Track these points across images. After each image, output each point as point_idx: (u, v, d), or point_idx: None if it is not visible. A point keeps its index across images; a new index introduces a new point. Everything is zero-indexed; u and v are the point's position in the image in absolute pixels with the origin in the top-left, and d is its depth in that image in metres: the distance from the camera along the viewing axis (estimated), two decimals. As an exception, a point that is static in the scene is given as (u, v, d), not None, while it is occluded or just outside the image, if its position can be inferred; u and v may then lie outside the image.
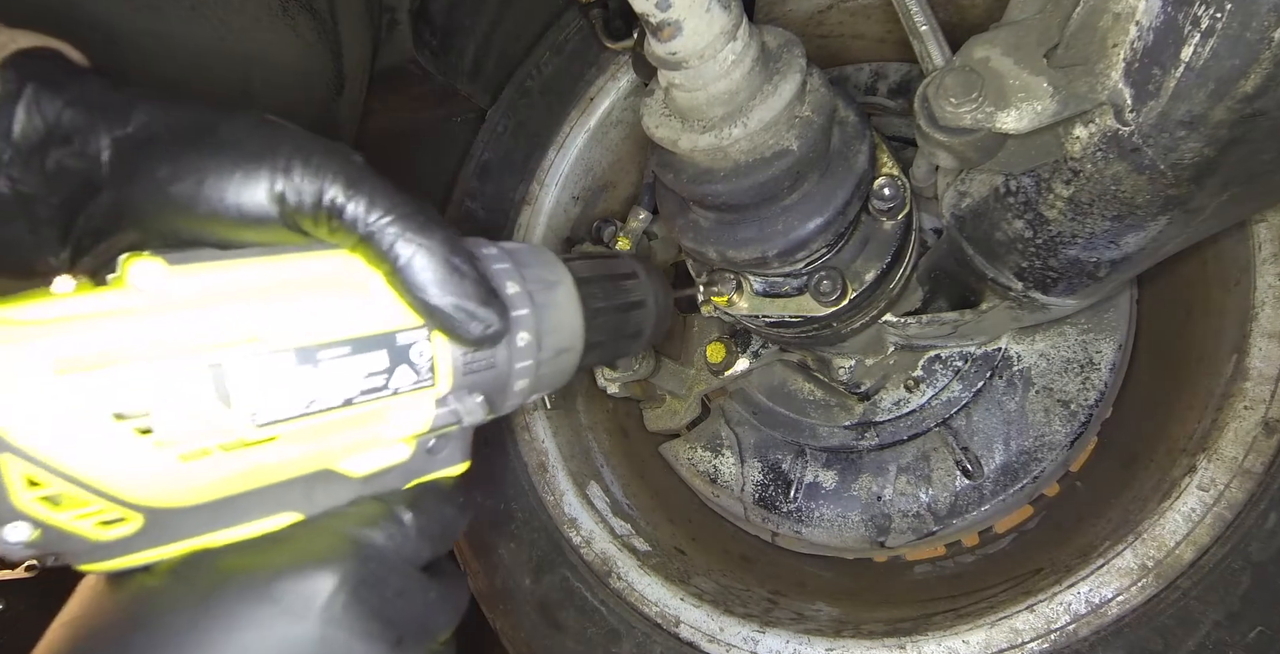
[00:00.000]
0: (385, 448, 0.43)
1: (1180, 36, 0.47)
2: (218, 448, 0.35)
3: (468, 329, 0.42)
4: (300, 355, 0.37)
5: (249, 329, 0.37)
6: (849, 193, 0.75)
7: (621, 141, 1.26)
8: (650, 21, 0.58)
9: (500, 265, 0.49)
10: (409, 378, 0.41)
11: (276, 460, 0.37)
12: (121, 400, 0.33)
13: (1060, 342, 1.07)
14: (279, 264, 0.40)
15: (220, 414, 0.35)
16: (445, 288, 0.41)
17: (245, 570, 0.37)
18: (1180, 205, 0.59)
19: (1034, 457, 1.06)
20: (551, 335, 0.51)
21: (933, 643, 0.84)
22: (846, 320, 0.90)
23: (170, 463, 0.34)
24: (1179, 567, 0.77)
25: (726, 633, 0.94)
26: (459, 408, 0.44)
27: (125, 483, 0.33)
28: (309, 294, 0.39)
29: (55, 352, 0.32)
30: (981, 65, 0.59)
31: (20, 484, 0.32)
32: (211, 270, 0.37)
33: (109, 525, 0.35)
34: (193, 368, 0.35)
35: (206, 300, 0.36)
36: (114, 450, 0.33)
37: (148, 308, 0.35)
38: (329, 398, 0.38)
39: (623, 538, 1.07)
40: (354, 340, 0.39)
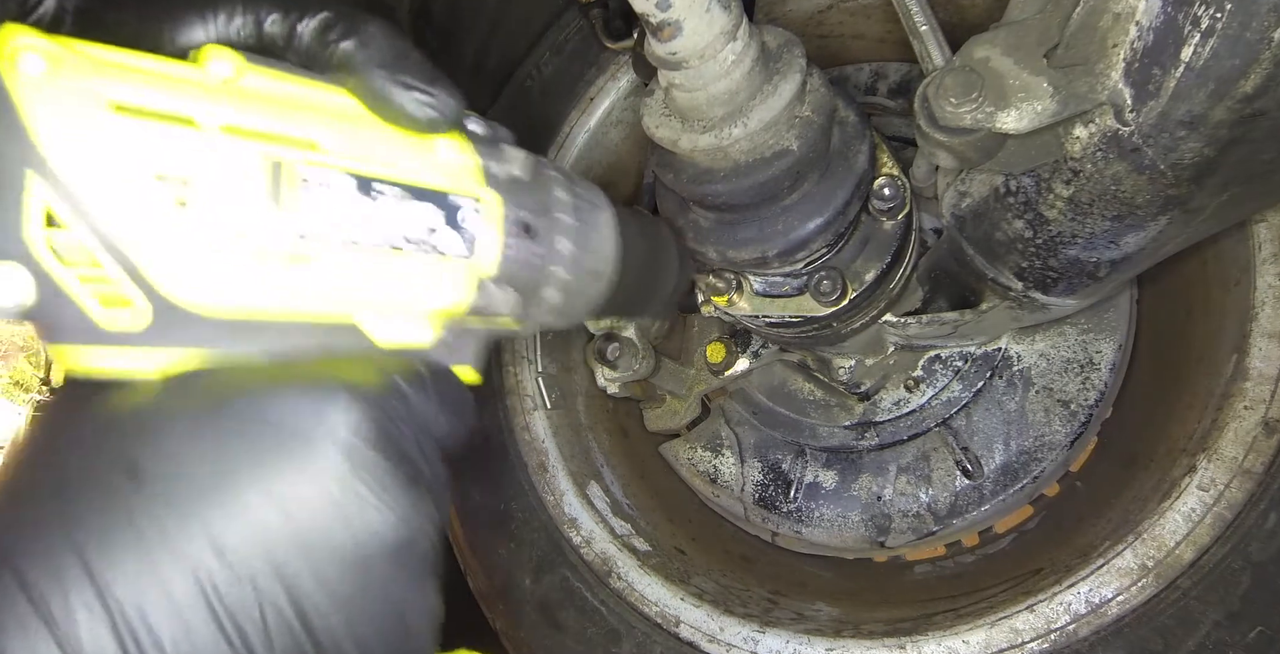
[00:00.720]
0: (412, 322, 0.41)
1: (1180, 36, 0.47)
2: (254, 252, 0.33)
3: (414, 108, 0.40)
4: (357, 181, 0.36)
5: (313, 137, 0.35)
6: (849, 193, 0.75)
7: (621, 141, 1.26)
8: (650, 21, 0.58)
9: (552, 172, 0.49)
10: (456, 245, 0.40)
11: (306, 287, 0.35)
12: (169, 161, 0.31)
13: (1060, 341, 1.07)
14: (344, 96, 0.39)
15: (267, 213, 0.33)
16: (392, 66, 0.39)
17: (261, 383, 0.33)
18: (1180, 205, 0.59)
19: (1034, 457, 1.06)
20: (590, 255, 0.49)
21: (933, 643, 0.84)
22: (846, 320, 0.90)
23: (200, 249, 0.31)
24: (1179, 567, 0.77)
25: (726, 633, 0.94)
26: (496, 295, 0.43)
27: (148, 254, 0.30)
28: (373, 129, 0.39)
29: (116, 90, 0.30)
30: (981, 65, 0.59)
31: (37, 215, 0.29)
32: (284, 79, 0.36)
33: (113, 304, 0.31)
34: (252, 154, 0.33)
35: (276, 100, 0.35)
36: (147, 213, 0.30)
37: (218, 88, 0.33)
38: (376, 234, 0.36)
39: (623, 538, 1.07)
40: (411, 186, 0.38)
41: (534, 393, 1.15)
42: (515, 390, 1.16)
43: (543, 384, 1.16)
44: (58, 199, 0.28)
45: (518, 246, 0.43)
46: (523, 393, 1.15)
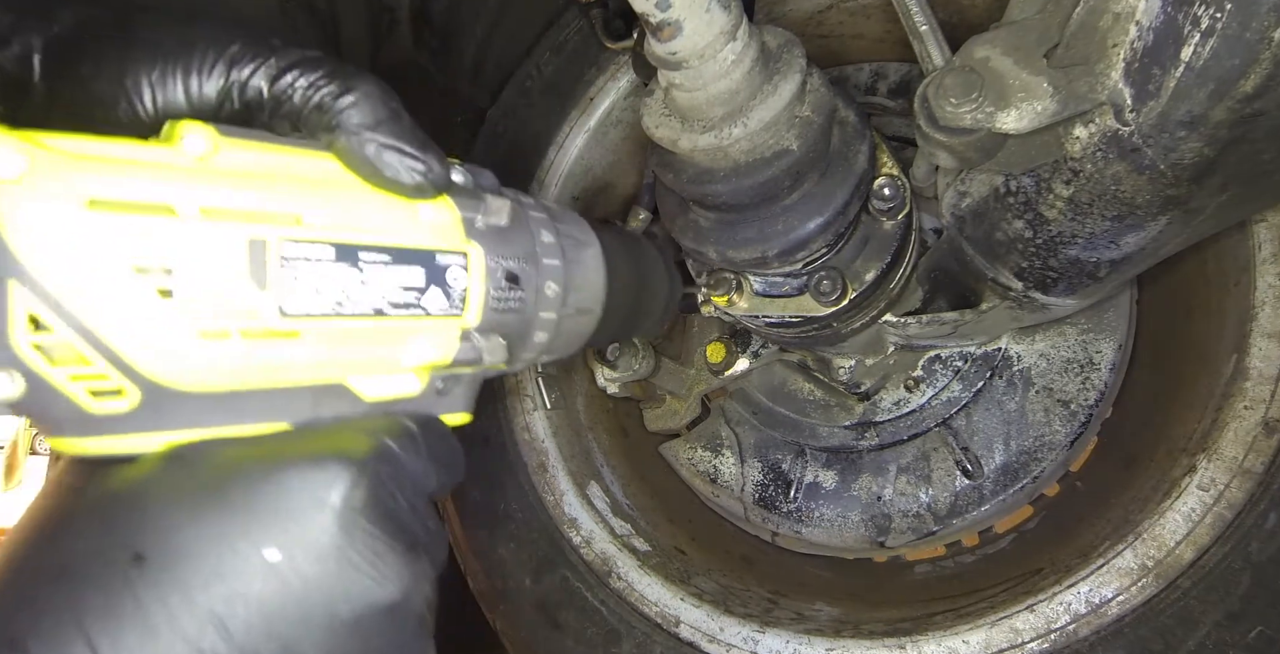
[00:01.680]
0: (399, 375, 0.41)
1: (1180, 36, 0.47)
2: (239, 332, 0.33)
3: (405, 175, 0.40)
4: (340, 251, 0.36)
5: (294, 211, 0.35)
6: (849, 193, 0.75)
7: (621, 141, 1.26)
8: (650, 21, 0.58)
9: (537, 214, 0.49)
10: (440, 302, 0.40)
11: (294, 360, 0.35)
12: (149, 254, 0.30)
13: (1060, 342, 1.07)
14: (325, 160, 0.39)
15: (250, 294, 0.33)
16: (382, 130, 0.39)
17: (253, 459, 0.34)
18: (1180, 205, 0.59)
19: (1034, 457, 1.06)
20: (576, 293, 0.50)
21: (933, 643, 0.84)
22: (846, 320, 0.90)
23: (186, 336, 0.32)
24: (1179, 567, 0.77)
25: (726, 633, 0.94)
26: (482, 345, 0.43)
27: (134, 346, 0.31)
28: (356, 193, 0.39)
29: (90, 186, 0.29)
30: (981, 65, 0.59)
31: (21, 321, 0.29)
32: (261, 149, 0.36)
33: (103, 396, 0.31)
34: (232, 237, 0.32)
35: (254, 174, 0.35)
36: (130, 307, 0.30)
37: (194, 169, 0.33)
38: (361, 303, 0.37)
39: (623, 538, 1.07)
40: (394, 249, 0.38)
41: (534, 393, 1.15)
42: (515, 390, 1.16)
43: (543, 384, 1.16)
44: (39, 304, 0.29)
45: (503, 297, 0.44)
46: (523, 393, 1.15)
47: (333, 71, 0.39)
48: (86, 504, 0.32)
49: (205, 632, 0.30)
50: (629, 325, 0.62)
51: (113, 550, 0.30)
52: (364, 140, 0.38)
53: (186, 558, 0.30)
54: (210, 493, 0.32)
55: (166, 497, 0.32)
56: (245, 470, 0.33)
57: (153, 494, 0.32)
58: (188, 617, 0.30)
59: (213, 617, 0.30)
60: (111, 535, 0.31)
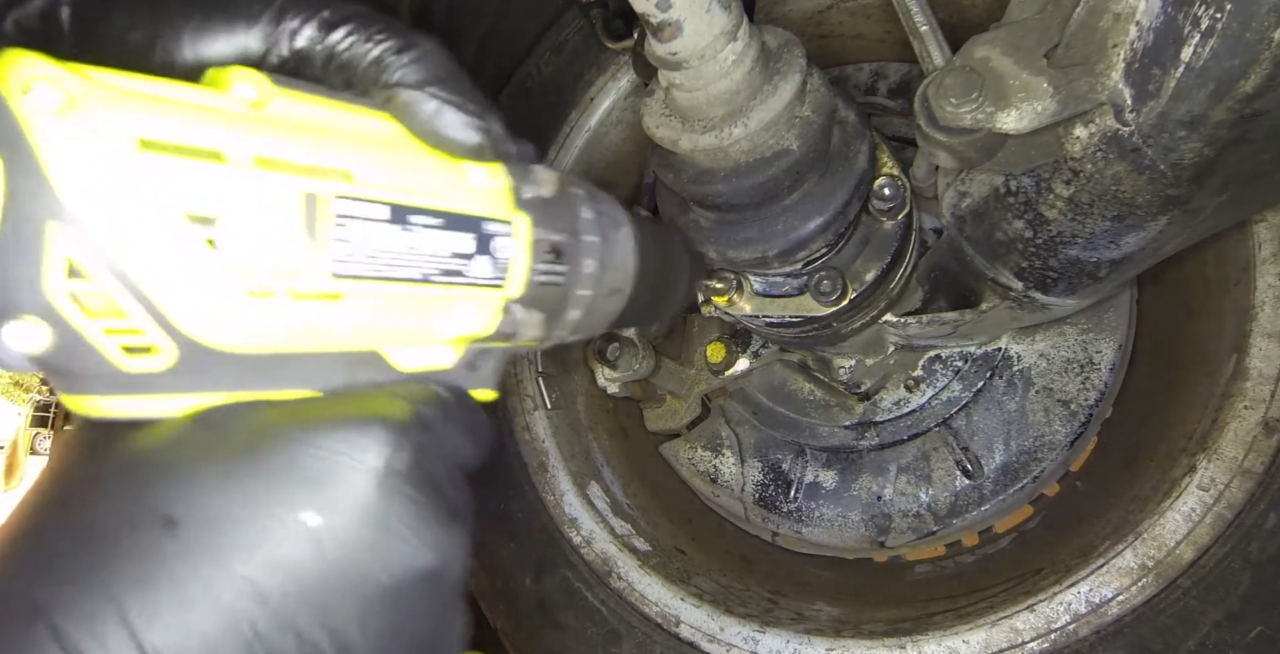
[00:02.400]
0: (436, 346, 0.40)
1: (1180, 37, 0.47)
2: (287, 292, 0.31)
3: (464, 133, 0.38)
4: (394, 212, 0.34)
5: (347, 167, 0.33)
6: (849, 193, 0.75)
7: (621, 141, 1.26)
8: (650, 22, 0.58)
9: (577, 190, 0.47)
10: (486, 271, 0.39)
11: (336, 324, 0.34)
12: (199, 200, 0.28)
13: (1060, 341, 1.07)
14: (379, 118, 0.37)
15: (302, 251, 0.31)
16: (445, 86, 0.37)
17: (289, 421, 0.32)
18: (1180, 205, 0.59)
19: (1034, 456, 1.06)
20: (611, 272, 0.49)
21: (933, 643, 0.84)
22: (846, 320, 0.90)
23: (233, 293, 0.30)
24: (1179, 566, 0.77)
25: (727, 633, 0.94)
26: (522, 318, 0.42)
27: (178, 301, 0.28)
28: (410, 153, 0.37)
29: (142, 125, 0.27)
30: (981, 65, 0.59)
31: (58, 267, 0.26)
32: (314, 102, 0.34)
33: (137, 352, 0.29)
34: (286, 188, 0.30)
35: (307, 126, 0.33)
36: (178, 258, 0.28)
37: (247, 115, 0.31)
38: (411, 267, 0.35)
39: (623, 538, 1.07)
40: (446, 214, 0.36)
41: (534, 393, 1.15)
42: (515, 390, 1.16)
43: (543, 384, 1.16)
44: (81, 249, 0.26)
45: (546, 270, 0.43)
46: (523, 393, 1.15)
47: (391, 26, 0.37)
48: (112, 466, 0.30)
49: (242, 599, 0.29)
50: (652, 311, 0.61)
51: (142, 515, 0.29)
52: (425, 96, 0.37)
53: (220, 523, 0.29)
54: (244, 455, 0.31)
55: (198, 459, 0.30)
56: (281, 432, 0.32)
57: (183, 457, 0.30)
58: (223, 584, 0.28)
59: (249, 584, 0.29)
60: (140, 499, 0.29)
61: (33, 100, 0.26)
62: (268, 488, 0.30)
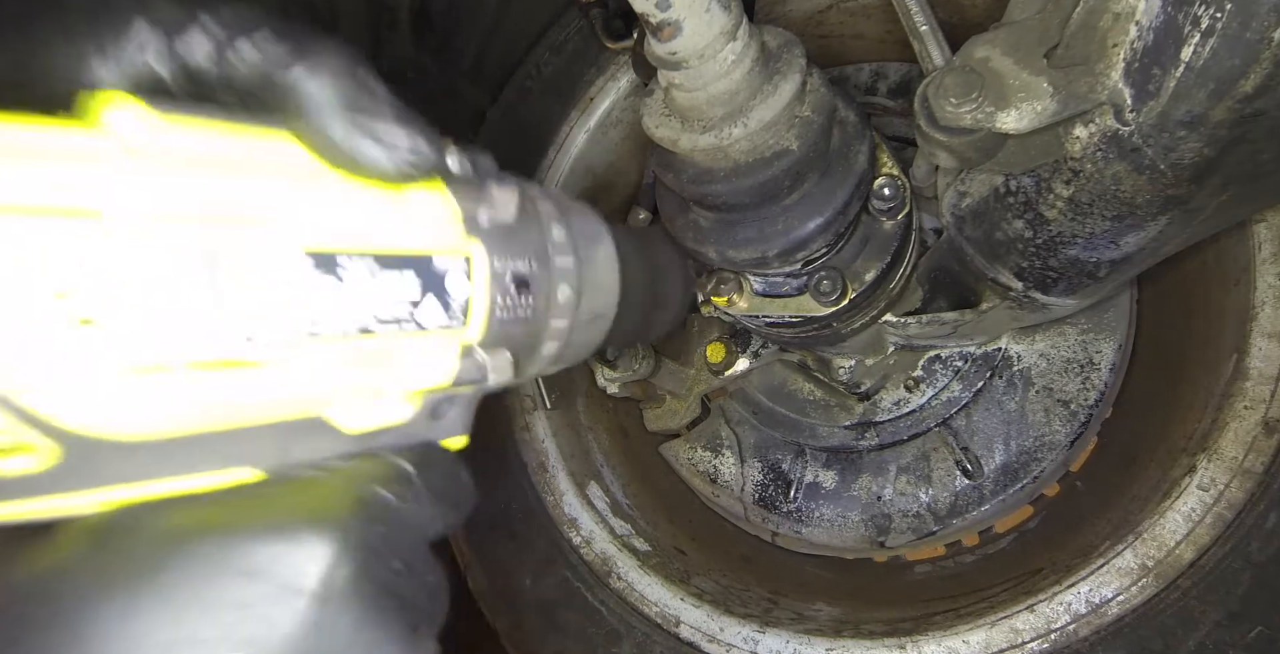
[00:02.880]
0: (386, 401, 0.34)
1: (1180, 36, 0.47)
2: (186, 365, 0.26)
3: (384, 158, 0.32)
4: (317, 260, 0.29)
5: (255, 210, 0.28)
6: (849, 193, 0.75)
7: (621, 141, 1.26)
8: (650, 21, 0.58)
9: (545, 205, 0.42)
10: (438, 315, 0.33)
11: (258, 394, 0.28)
12: (69, 271, 0.23)
13: (1060, 341, 1.07)
14: (289, 143, 0.31)
15: (200, 316, 0.26)
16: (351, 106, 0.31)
17: (206, 530, 0.27)
18: (1180, 205, 0.59)
19: (1034, 457, 1.06)
20: (589, 296, 0.44)
21: (933, 643, 0.84)
22: (846, 320, 0.90)
23: (117, 374, 0.24)
24: (1179, 566, 0.77)
25: (727, 633, 0.94)
26: (486, 363, 0.36)
27: (47, 394, 0.23)
28: (330, 185, 0.31)
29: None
30: (981, 65, 0.59)
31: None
32: (208, 132, 0.28)
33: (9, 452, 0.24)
34: (177, 246, 0.25)
35: (201, 164, 0.27)
36: (40, 343, 0.23)
37: (127, 158, 0.25)
38: (343, 320, 0.30)
39: (623, 538, 1.07)
40: (382, 254, 0.31)
41: (534, 393, 1.15)
42: (515, 390, 1.16)
43: (542, 384, 1.16)
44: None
45: (511, 305, 0.37)
46: (522, 393, 1.15)
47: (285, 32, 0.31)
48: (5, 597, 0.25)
49: None
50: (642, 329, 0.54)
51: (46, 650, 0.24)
52: (329, 120, 0.31)
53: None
54: (151, 583, 0.25)
55: (98, 588, 0.25)
56: (194, 548, 0.26)
57: (81, 585, 0.25)
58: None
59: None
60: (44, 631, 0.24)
61: None
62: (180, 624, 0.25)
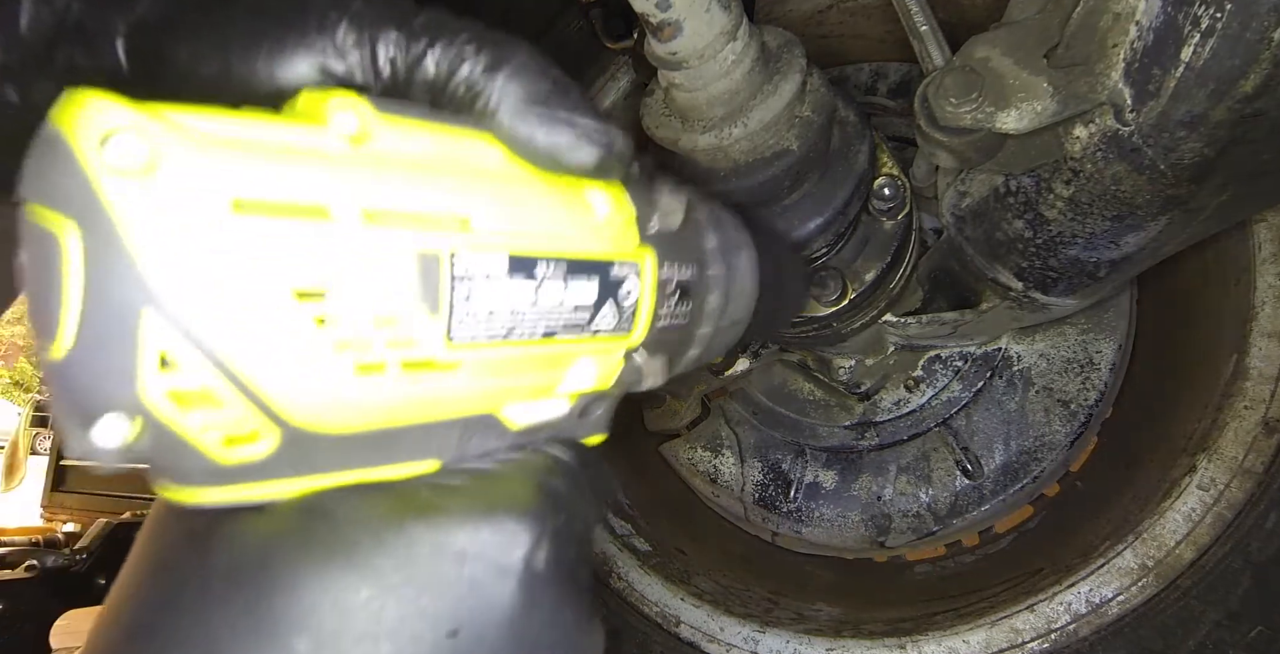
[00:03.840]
0: (551, 399, 0.35)
1: (1180, 36, 0.47)
2: (401, 364, 0.27)
3: (584, 152, 0.32)
4: (514, 263, 0.29)
5: (463, 213, 0.28)
6: (849, 193, 0.75)
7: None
8: (650, 21, 0.58)
9: (700, 213, 0.42)
10: (611, 320, 0.34)
11: (451, 393, 0.29)
12: (307, 272, 0.24)
13: (1060, 342, 1.07)
14: (484, 143, 0.31)
15: (419, 320, 0.27)
16: (550, 104, 0.32)
17: (411, 513, 0.28)
18: (1180, 205, 0.59)
19: (1034, 457, 1.06)
20: (733, 303, 0.44)
21: (933, 643, 0.84)
22: (847, 320, 0.90)
23: (341, 371, 0.26)
24: (1179, 566, 0.77)
25: (727, 633, 0.94)
26: (643, 367, 0.37)
27: (282, 387, 0.25)
28: (524, 185, 0.31)
29: (234, 180, 0.23)
30: (981, 65, 0.59)
31: (152, 359, 0.22)
32: (420, 132, 0.29)
33: (237, 442, 0.25)
34: (401, 248, 0.26)
35: (415, 165, 0.28)
36: (283, 340, 0.24)
37: (350, 157, 0.26)
38: (533, 325, 0.31)
39: (623, 538, 1.07)
40: (570, 259, 0.31)
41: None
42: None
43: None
44: (176, 340, 0.23)
45: (671, 313, 0.38)
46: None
47: (480, 35, 0.31)
48: (220, 566, 0.26)
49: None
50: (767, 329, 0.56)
51: (260, 629, 0.25)
52: (530, 119, 0.31)
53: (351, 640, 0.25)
54: (364, 559, 0.26)
55: (305, 563, 0.26)
56: (403, 528, 0.27)
57: (299, 558, 0.26)
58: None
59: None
60: (255, 609, 0.25)
61: (110, 157, 0.21)
62: (399, 598, 0.26)
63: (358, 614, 0.26)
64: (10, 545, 2.12)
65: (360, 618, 0.25)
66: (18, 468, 3.53)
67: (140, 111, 0.22)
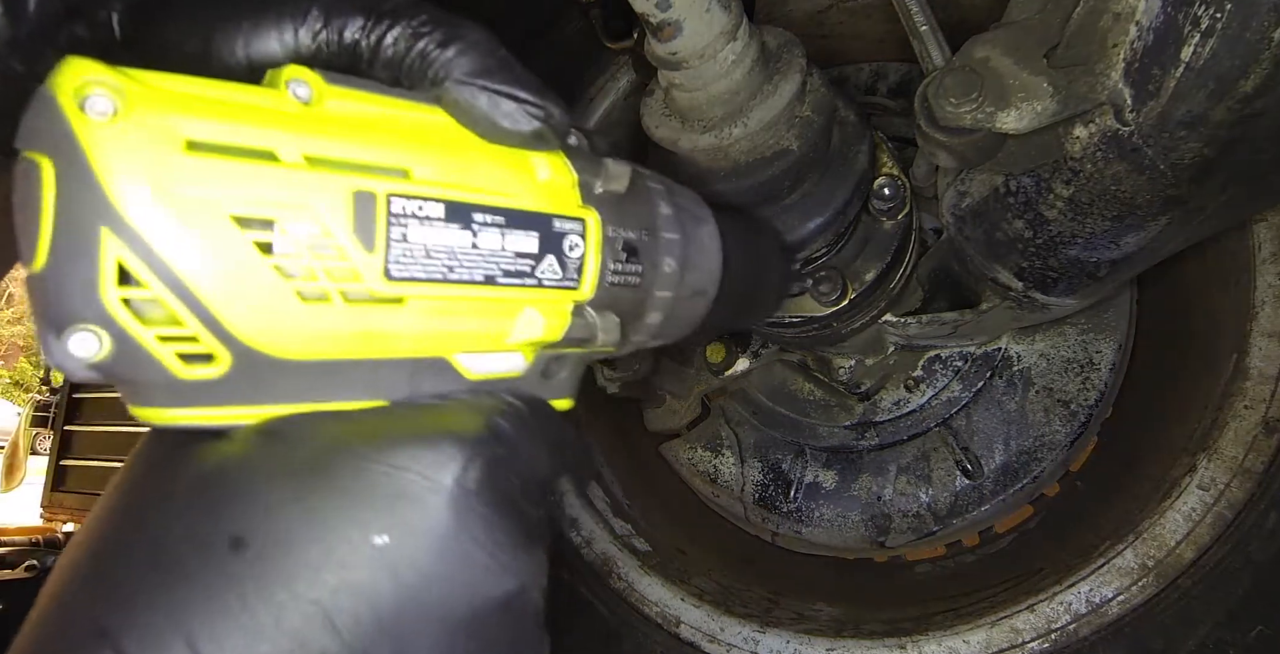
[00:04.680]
0: (505, 353, 0.38)
1: (1180, 36, 0.47)
2: (340, 295, 0.30)
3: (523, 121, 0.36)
4: (452, 210, 0.33)
5: (403, 164, 0.32)
6: (849, 193, 0.75)
7: (621, 141, 1.26)
8: (650, 21, 0.58)
9: (654, 184, 0.45)
10: (555, 272, 0.37)
11: (397, 329, 0.33)
12: (251, 203, 0.28)
13: (1060, 342, 1.07)
14: (433, 113, 0.35)
15: (355, 253, 0.30)
16: (495, 78, 0.35)
17: (358, 437, 0.31)
18: (1180, 205, 0.59)
19: (1034, 456, 1.06)
20: (692, 272, 0.46)
21: (933, 643, 0.84)
22: (847, 320, 0.90)
23: (285, 297, 0.29)
24: (1179, 566, 0.77)
25: (727, 633, 0.94)
26: (596, 322, 0.39)
27: (230, 305, 0.28)
28: (468, 148, 0.35)
29: (189, 126, 0.27)
30: (981, 65, 0.59)
31: (112, 273, 0.27)
32: (367, 100, 0.33)
33: (193, 362, 0.29)
34: (338, 187, 0.30)
35: (361, 125, 0.32)
36: (229, 261, 0.28)
37: (299, 115, 0.31)
38: (473, 269, 0.34)
39: (623, 538, 1.07)
40: (509, 212, 0.35)
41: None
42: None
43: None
44: (133, 256, 0.27)
45: (620, 271, 0.41)
46: (523, 393, 1.15)
47: (434, 18, 0.35)
48: (182, 482, 0.30)
49: (312, 627, 0.27)
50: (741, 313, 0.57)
51: (210, 535, 0.28)
52: (476, 89, 0.35)
53: (290, 544, 0.28)
54: (313, 473, 0.29)
55: (266, 476, 0.29)
56: (349, 448, 0.30)
57: (251, 473, 0.29)
58: (294, 612, 0.27)
59: (319, 610, 0.27)
60: (209, 518, 0.28)
61: (86, 106, 0.26)
62: (337, 507, 0.29)
63: (298, 524, 0.28)
64: (10, 545, 2.13)
65: (300, 527, 0.28)
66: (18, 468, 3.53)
67: (112, 73, 0.27)
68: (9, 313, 10.53)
